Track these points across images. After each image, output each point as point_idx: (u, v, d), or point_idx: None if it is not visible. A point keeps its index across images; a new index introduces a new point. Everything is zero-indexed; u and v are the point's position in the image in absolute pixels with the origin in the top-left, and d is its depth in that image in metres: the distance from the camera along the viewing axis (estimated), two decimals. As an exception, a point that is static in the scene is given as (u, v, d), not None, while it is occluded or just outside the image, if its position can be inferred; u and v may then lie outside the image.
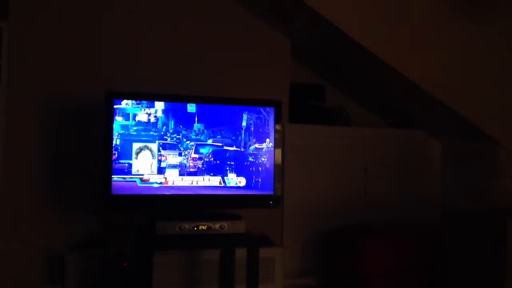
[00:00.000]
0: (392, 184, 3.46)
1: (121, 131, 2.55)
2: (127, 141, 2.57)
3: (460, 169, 3.40)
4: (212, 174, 2.69)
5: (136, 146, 2.59)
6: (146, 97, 2.61)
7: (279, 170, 2.80)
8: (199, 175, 2.67)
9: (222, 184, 2.71)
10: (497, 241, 2.46)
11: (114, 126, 2.53)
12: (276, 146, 2.79)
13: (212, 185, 2.69)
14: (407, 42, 2.93)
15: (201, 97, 2.73)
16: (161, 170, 2.62)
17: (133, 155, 2.58)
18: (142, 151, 2.60)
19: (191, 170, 2.67)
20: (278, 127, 2.80)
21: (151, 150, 2.61)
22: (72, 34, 2.88)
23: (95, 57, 2.91)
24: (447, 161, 3.53)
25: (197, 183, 2.67)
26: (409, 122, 3.62)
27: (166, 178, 2.62)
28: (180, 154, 2.65)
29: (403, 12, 2.92)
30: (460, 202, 3.31)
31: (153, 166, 2.61)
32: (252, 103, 2.79)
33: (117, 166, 2.54)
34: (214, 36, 3.17)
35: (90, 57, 2.91)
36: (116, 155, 2.54)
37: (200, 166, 2.68)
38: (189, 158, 2.66)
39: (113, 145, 2.53)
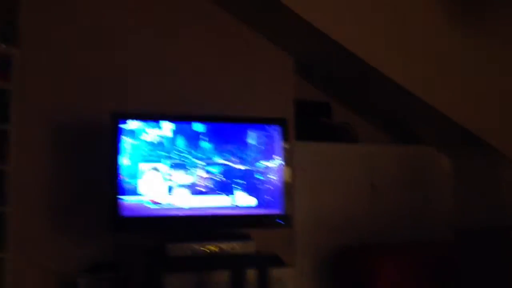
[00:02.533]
0: (401, 201, 3.44)
1: (129, 152, 2.57)
2: (135, 161, 2.58)
3: (469, 185, 3.38)
4: (221, 193, 2.69)
5: (143, 166, 2.60)
6: (151, 117, 2.63)
7: (288, 188, 2.80)
8: (208, 195, 2.67)
9: (231, 204, 2.70)
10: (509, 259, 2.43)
11: (121, 146, 2.54)
12: (284, 164, 2.79)
13: (221, 205, 2.69)
14: (411, 57, 2.95)
15: (207, 116, 2.75)
16: (169, 190, 2.62)
17: (141, 176, 2.58)
18: (150, 171, 2.61)
19: (201, 189, 2.67)
20: (285, 144, 2.81)
21: (159, 171, 2.62)
22: (81, 58, 2.91)
23: (103, 80, 2.94)
24: (456, 177, 3.51)
25: (206, 203, 2.67)
26: (416, 138, 3.61)
27: (175, 199, 2.62)
28: (189, 174, 2.66)
29: (407, 27, 2.95)
30: (471, 219, 3.29)
31: (162, 186, 2.61)
32: (257, 121, 2.80)
33: (124, 186, 2.54)
34: (217, 55, 3.19)
35: (98, 79, 2.93)
36: (124, 176, 2.55)
37: (209, 185, 2.68)
38: (198, 178, 2.67)
39: (120, 165, 2.54)
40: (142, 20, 3.06)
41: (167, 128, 2.64)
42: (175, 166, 2.64)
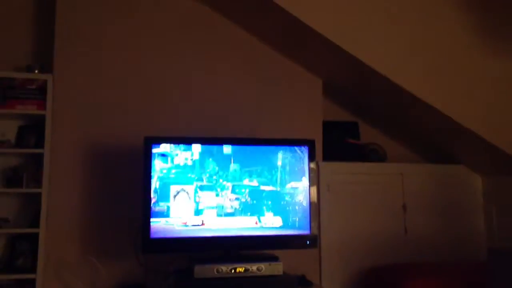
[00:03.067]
0: (432, 222, 3.36)
1: (160, 174, 2.62)
2: (165, 184, 2.63)
3: (503, 204, 3.28)
4: (249, 214, 2.71)
5: (173, 189, 2.64)
6: (182, 140, 2.69)
7: (315, 208, 2.79)
8: (236, 216, 2.69)
9: (258, 225, 2.71)
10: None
11: (152, 169, 2.60)
12: (311, 184, 2.79)
13: (248, 226, 2.70)
14: (441, 76, 2.92)
15: (235, 139, 2.80)
16: (198, 212, 2.65)
17: (171, 198, 2.63)
18: (180, 193, 2.65)
19: (229, 211, 2.70)
20: (312, 165, 2.81)
21: (188, 193, 2.66)
22: (113, 83, 3.01)
23: (135, 104, 3.02)
24: (489, 197, 3.42)
25: (233, 225, 2.68)
26: (446, 156, 3.55)
27: (203, 220, 2.65)
28: (217, 195, 2.69)
29: (436, 46, 2.93)
30: (505, 239, 3.19)
31: (190, 208, 2.65)
32: (285, 143, 2.83)
33: (156, 209, 2.59)
34: (247, 77, 3.24)
35: (129, 104, 3.02)
36: (155, 198, 2.60)
37: (237, 206, 2.70)
38: (226, 199, 2.69)
39: (152, 188, 2.59)
40: (177, 42, 3.14)
41: (197, 151, 2.69)
42: (204, 187, 2.68)
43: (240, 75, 3.23)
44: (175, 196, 2.65)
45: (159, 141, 2.66)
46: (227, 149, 2.74)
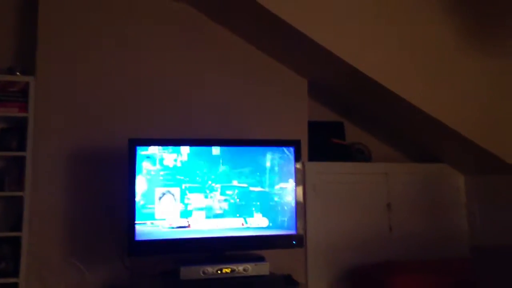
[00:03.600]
0: (417, 220, 3.40)
1: (148, 177, 2.60)
2: (150, 186, 2.61)
3: (485, 202, 3.33)
4: (234, 215, 2.70)
5: (159, 191, 2.63)
6: (166, 142, 2.67)
7: (301, 208, 2.80)
8: (221, 217, 2.69)
9: (244, 226, 2.71)
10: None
11: (137, 172, 2.58)
12: (297, 184, 2.80)
13: (234, 227, 2.70)
14: (427, 79, 2.95)
15: (220, 140, 2.80)
16: (184, 214, 2.64)
17: (156, 200, 2.61)
18: (165, 195, 2.64)
19: (214, 212, 2.69)
20: (298, 165, 2.82)
21: (173, 195, 2.65)
22: (97, 85, 2.98)
23: (119, 107, 3.00)
24: (472, 195, 3.47)
25: (219, 226, 2.68)
26: (430, 156, 3.58)
27: (189, 222, 2.64)
28: (204, 197, 2.68)
29: (421, 48, 2.96)
30: (488, 237, 3.23)
31: (176, 210, 2.64)
32: (271, 144, 2.83)
33: (140, 211, 2.58)
34: (232, 78, 3.23)
35: (114, 106, 2.99)
36: (140, 200, 2.58)
37: (223, 207, 2.70)
38: (212, 200, 2.69)
39: (136, 190, 2.57)
40: (161, 44, 3.12)
41: (184, 152, 2.68)
42: (190, 189, 2.67)
43: (226, 75, 3.23)
44: (160, 198, 2.63)
45: (143, 143, 2.64)
46: (215, 150, 2.73)
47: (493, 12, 3.03)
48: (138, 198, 2.57)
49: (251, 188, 2.75)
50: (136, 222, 2.55)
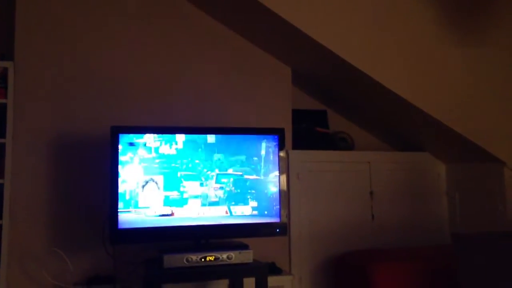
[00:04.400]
0: (398, 208, 3.45)
1: (127, 164, 2.58)
2: (133, 174, 2.59)
3: (465, 190, 3.39)
4: (218, 203, 2.70)
5: (142, 179, 2.60)
6: (148, 130, 2.64)
7: (285, 197, 2.80)
8: (205, 206, 2.68)
9: (228, 214, 2.71)
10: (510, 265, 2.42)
11: (120, 159, 2.55)
12: (280, 172, 2.80)
13: (218, 215, 2.69)
14: (410, 68, 2.97)
15: (199, 128, 2.77)
16: (165, 202, 2.62)
17: (139, 188, 2.59)
18: (148, 183, 2.62)
19: (198, 200, 2.68)
20: (281, 153, 2.82)
21: (156, 183, 2.63)
22: (77, 71, 2.93)
23: (101, 93, 2.95)
24: (452, 183, 3.52)
25: (202, 214, 2.67)
26: (412, 144, 3.63)
27: (172, 211, 2.63)
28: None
29: (403, 37, 2.97)
30: (468, 224, 3.29)
31: (159, 198, 2.62)
32: (254, 132, 2.82)
33: (123, 199, 2.55)
34: (215, 65, 3.21)
35: (96, 93, 2.95)
36: (123, 188, 2.56)
37: (210, 195, 2.69)
38: (195, 188, 2.68)
39: (119, 178, 2.55)
40: (142, 30, 3.07)
41: (157, 140, 2.65)
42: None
43: (209, 63, 3.19)
44: (143, 186, 2.61)
45: (125, 130, 2.60)
46: (201, 138, 2.71)
47: (474, 1, 3.06)
48: (120, 185, 2.54)
49: (233, 176, 2.74)
50: (119, 210, 2.53)
